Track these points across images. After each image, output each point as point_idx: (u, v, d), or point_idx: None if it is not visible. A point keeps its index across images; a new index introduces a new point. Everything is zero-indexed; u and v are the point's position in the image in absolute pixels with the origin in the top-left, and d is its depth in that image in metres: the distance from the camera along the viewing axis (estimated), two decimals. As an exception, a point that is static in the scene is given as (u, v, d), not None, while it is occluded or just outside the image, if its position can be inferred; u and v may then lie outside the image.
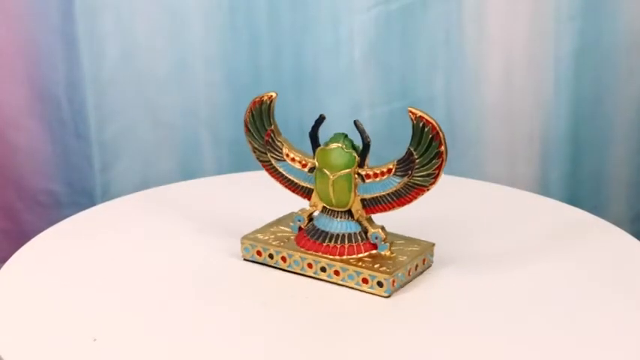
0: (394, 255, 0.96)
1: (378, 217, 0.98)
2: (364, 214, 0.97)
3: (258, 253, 0.99)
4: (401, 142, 1.58)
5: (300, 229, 1.00)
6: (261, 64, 1.55)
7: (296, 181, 1.00)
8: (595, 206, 1.62)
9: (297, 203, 1.01)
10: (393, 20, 1.53)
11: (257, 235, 1.01)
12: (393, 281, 0.93)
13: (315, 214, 1.00)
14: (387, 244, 0.97)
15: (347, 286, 0.95)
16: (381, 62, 1.55)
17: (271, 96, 0.99)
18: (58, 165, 1.56)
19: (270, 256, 0.99)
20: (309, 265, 0.97)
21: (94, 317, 0.90)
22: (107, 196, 1.56)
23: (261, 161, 1.02)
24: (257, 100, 0.99)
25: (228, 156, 1.58)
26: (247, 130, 1.02)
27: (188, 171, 1.58)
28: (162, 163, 1.59)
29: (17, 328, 0.88)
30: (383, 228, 0.97)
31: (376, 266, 0.94)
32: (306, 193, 1.00)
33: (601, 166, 1.62)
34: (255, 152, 1.02)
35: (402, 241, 0.99)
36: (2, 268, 0.99)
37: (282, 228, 1.02)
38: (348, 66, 1.55)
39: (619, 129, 1.60)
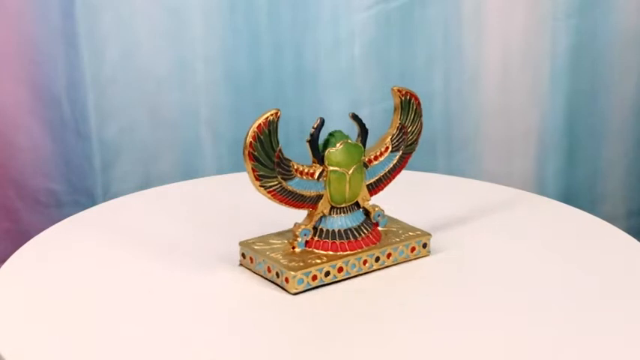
0: (391, 224, 1.03)
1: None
2: (369, 198, 1.00)
3: (314, 277, 0.95)
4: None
5: (306, 242, 0.98)
6: (261, 63, 1.55)
7: (306, 193, 0.97)
8: (590, 201, 1.62)
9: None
10: (393, 19, 1.53)
11: (298, 264, 0.95)
12: None
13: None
14: (386, 217, 1.02)
15: (397, 264, 1.00)
16: (380, 60, 1.55)
17: (277, 112, 0.93)
18: (59, 164, 1.56)
19: (327, 273, 0.96)
20: (364, 262, 0.98)
21: (94, 317, 0.90)
22: (108, 195, 1.56)
23: (266, 187, 0.94)
24: (263, 122, 0.92)
25: (228, 155, 1.58)
26: (252, 158, 0.93)
27: (188, 170, 1.58)
28: (163, 163, 1.59)
29: (17, 328, 0.88)
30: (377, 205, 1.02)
31: (410, 234, 1.01)
32: (313, 202, 0.97)
33: (596, 161, 1.63)
34: (259, 180, 0.94)
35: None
36: (2, 268, 0.99)
37: (284, 251, 0.97)
38: (348, 64, 1.55)
39: (614, 125, 1.61)
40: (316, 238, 0.98)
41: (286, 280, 0.94)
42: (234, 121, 1.57)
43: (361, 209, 1.00)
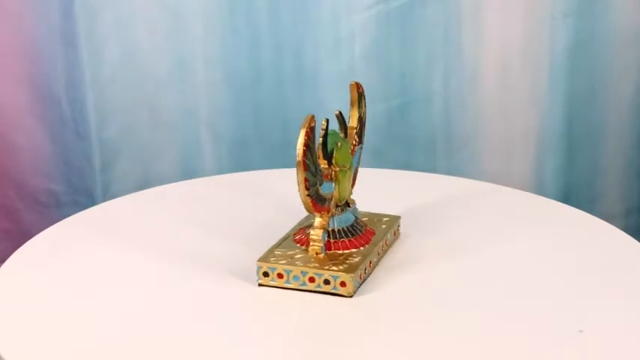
0: (361, 214, 1.05)
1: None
2: (352, 192, 1.01)
3: (360, 276, 0.94)
4: (400, 139, 1.60)
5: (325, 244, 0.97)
6: (261, 62, 1.55)
7: (326, 196, 0.95)
8: (589, 200, 1.62)
9: (294, 204, 1.00)
10: (393, 18, 1.53)
11: (344, 266, 0.93)
12: None
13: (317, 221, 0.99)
14: (357, 209, 1.04)
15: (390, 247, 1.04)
16: (380, 60, 1.55)
17: (313, 116, 0.91)
18: (59, 164, 1.57)
19: (365, 270, 0.96)
20: (378, 252, 0.99)
21: (93, 317, 0.90)
22: (107, 195, 1.57)
23: (310, 196, 0.92)
24: (307, 129, 0.90)
25: (228, 156, 1.59)
26: (305, 167, 0.90)
27: (188, 170, 1.58)
28: (162, 163, 1.59)
29: (17, 328, 0.88)
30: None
31: (386, 219, 1.05)
32: (328, 204, 0.96)
33: (595, 160, 1.63)
34: (308, 189, 0.91)
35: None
36: (2, 268, 1.00)
37: (314, 258, 0.95)
38: (348, 64, 1.55)
39: (612, 124, 1.61)
40: (332, 240, 0.97)
41: (342, 284, 0.92)
42: (234, 121, 1.57)
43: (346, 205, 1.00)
